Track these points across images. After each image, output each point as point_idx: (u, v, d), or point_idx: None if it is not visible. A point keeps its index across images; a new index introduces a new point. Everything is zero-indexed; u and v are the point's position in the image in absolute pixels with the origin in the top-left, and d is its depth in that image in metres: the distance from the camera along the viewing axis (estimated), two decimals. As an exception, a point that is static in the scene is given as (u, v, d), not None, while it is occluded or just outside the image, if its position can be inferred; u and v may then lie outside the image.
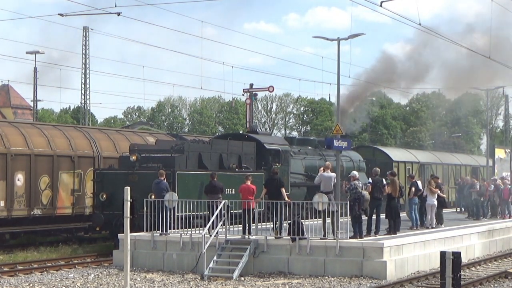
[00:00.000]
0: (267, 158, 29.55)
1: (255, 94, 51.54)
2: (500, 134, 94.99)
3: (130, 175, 25.27)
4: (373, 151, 41.05)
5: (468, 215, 33.88)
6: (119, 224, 25.26)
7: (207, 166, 27.03)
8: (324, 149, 33.98)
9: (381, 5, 26.93)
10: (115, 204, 25.36)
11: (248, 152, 29.26)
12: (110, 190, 25.81)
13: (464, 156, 53.48)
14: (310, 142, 35.13)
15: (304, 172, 32.00)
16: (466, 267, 22.46)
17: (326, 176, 22.58)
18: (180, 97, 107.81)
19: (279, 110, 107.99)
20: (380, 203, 23.36)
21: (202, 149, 27.49)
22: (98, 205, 26.34)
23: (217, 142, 29.36)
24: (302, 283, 19.57)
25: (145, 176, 24.93)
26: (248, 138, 30.38)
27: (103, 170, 27.20)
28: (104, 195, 26.03)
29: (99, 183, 26.44)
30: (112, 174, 26.33)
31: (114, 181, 25.65)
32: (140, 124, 57.01)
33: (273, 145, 30.38)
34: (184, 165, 26.12)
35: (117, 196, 25.34)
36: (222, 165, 27.81)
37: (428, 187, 26.94)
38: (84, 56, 57.11)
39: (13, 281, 20.27)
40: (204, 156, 27.23)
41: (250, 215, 21.95)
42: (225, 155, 28.13)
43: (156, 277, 20.75)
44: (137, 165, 25.59)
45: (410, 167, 41.06)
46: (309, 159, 32.87)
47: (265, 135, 32.92)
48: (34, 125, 31.29)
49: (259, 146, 29.70)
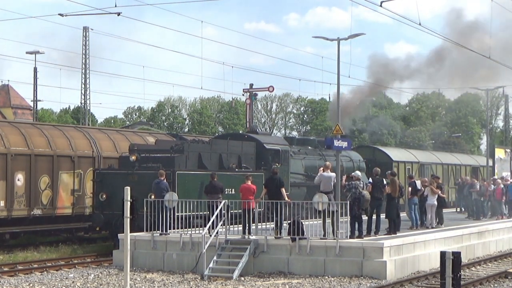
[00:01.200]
0: (267, 158, 29.54)
1: (255, 94, 51.61)
2: (500, 134, 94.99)
3: (130, 175, 25.25)
4: (373, 151, 40.99)
5: (468, 215, 33.88)
6: (119, 224, 25.23)
7: (207, 166, 27.03)
8: (324, 149, 33.98)
9: (381, 5, 26.93)
10: (115, 204, 25.23)
11: (248, 152, 29.26)
12: (110, 190, 25.79)
13: (464, 156, 53.43)
14: (310, 142, 35.15)
15: (304, 172, 32.00)
16: (466, 267, 22.45)
17: (326, 176, 22.57)
18: (180, 97, 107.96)
19: (279, 110, 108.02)
20: (381, 203, 23.37)
21: (202, 149, 27.48)
22: (98, 205, 26.33)
23: (217, 142, 29.35)
24: (302, 283, 19.57)
25: (144, 176, 24.91)
26: (247, 138, 30.37)
27: (102, 170, 27.19)
28: (104, 195, 26.03)
29: (98, 183, 26.43)
30: (112, 174, 26.31)
31: (114, 181, 25.62)
32: (140, 124, 57.07)
33: (273, 145, 30.37)
34: (184, 165, 26.11)
35: (117, 196, 25.22)
36: (222, 165, 27.81)
37: (429, 187, 26.93)
38: (84, 56, 57.12)
39: (13, 281, 20.27)
40: (204, 156, 27.23)
41: (250, 215, 21.95)
42: (225, 155, 28.13)
43: (156, 277, 20.75)
44: (136, 165, 25.59)
45: (410, 167, 41.04)
46: (309, 159, 32.87)
47: (265, 135, 32.89)
48: (34, 125, 31.30)
49: (259, 146, 29.70)
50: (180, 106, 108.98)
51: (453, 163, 47.36)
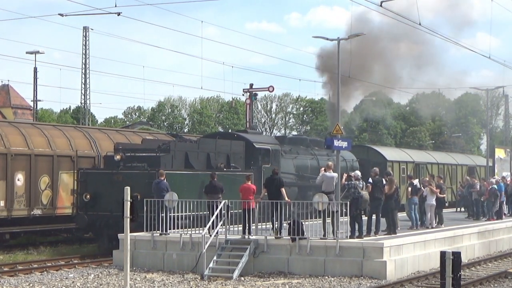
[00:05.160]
0: (256, 157, 29.04)
1: (255, 94, 51.53)
2: (500, 134, 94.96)
3: (114, 175, 24.89)
4: (367, 151, 40.29)
5: (468, 215, 33.86)
6: (104, 225, 25.10)
7: (194, 165, 26.57)
8: (316, 149, 33.54)
9: (381, 5, 26.94)
10: (99, 205, 25.10)
11: (237, 151, 28.76)
12: (94, 190, 25.37)
13: (460, 155, 52.88)
14: (302, 141, 34.40)
15: (295, 172, 31.36)
16: (466, 267, 22.45)
17: (328, 176, 22.54)
18: (180, 97, 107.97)
19: (279, 110, 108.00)
20: (380, 203, 23.33)
21: (189, 148, 27.01)
22: (82, 205, 25.73)
23: (205, 141, 28.93)
24: (302, 283, 19.56)
25: (129, 176, 24.51)
26: (237, 137, 29.91)
27: (86, 170, 26.63)
28: (88, 195, 25.46)
29: (82, 183, 25.86)
30: (96, 174, 25.88)
31: (98, 181, 25.27)
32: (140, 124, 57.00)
33: (262, 144, 29.83)
34: (170, 165, 25.63)
35: (101, 196, 25.12)
36: (210, 164, 27.35)
37: (428, 187, 26.93)
38: (84, 56, 57.13)
39: (13, 281, 20.27)
40: (191, 155, 26.76)
41: (250, 215, 21.93)
42: (212, 155, 27.64)
43: (156, 277, 20.74)
44: (121, 164, 25.12)
45: (405, 166, 40.51)
46: (301, 158, 32.27)
47: (254, 134, 32.11)
48: (34, 125, 31.31)
49: (248, 145, 29.22)
50: (180, 106, 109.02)
51: (449, 163, 46.92)
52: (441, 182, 28.57)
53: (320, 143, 34.79)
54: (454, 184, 43.58)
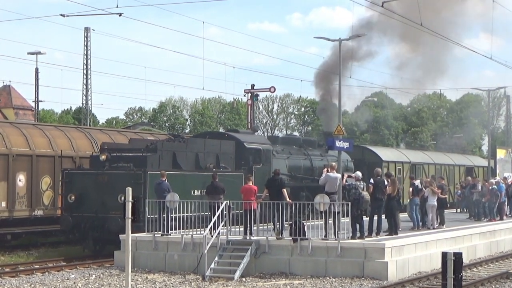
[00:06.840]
0: (247, 157, 28.35)
1: (257, 94, 51.58)
2: (501, 135, 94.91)
3: (99, 175, 24.60)
4: (362, 151, 39.22)
5: (469, 215, 33.83)
6: (89, 227, 24.88)
7: (182, 166, 26.04)
8: (309, 149, 33.02)
9: (382, 5, 26.94)
10: (84, 206, 24.74)
11: (227, 151, 28.07)
12: (79, 191, 24.98)
13: (458, 156, 52.06)
14: (294, 141, 33.72)
15: (287, 172, 30.47)
16: (467, 268, 22.44)
17: (332, 176, 22.53)
18: (181, 98, 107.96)
19: (280, 110, 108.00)
20: (382, 204, 23.31)
21: (177, 148, 26.41)
22: (67, 207, 25.29)
23: (194, 141, 28.30)
24: (304, 283, 19.55)
25: (115, 176, 24.19)
26: (227, 136, 29.26)
27: (71, 170, 26.23)
28: (73, 196, 24.99)
29: (67, 183, 25.37)
30: (81, 175, 25.42)
31: (83, 182, 24.92)
32: (142, 125, 57.10)
33: (253, 144, 29.14)
34: (157, 165, 25.07)
35: (86, 197, 24.78)
36: (198, 164, 26.78)
37: (429, 187, 26.91)
38: (85, 57, 57.16)
39: (14, 281, 20.27)
40: (179, 155, 26.18)
41: (251, 215, 21.92)
42: (201, 155, 27.04)
43: (158, 278, 20.74)
44: (107, 164, 24.75)
45: (401, 167, 39.91)
46: (293, 158, 31.57)
47: (245, 134, 31.14)
48: (35, 126, 31.30)
49: (239, 145, 28.47)
50: (181, 106, 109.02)
51: (446, 163, 46.17)
52: (443, 183, 28.57)
53: (314, 143, 34.40)
54: (452, 185, 43.18)
